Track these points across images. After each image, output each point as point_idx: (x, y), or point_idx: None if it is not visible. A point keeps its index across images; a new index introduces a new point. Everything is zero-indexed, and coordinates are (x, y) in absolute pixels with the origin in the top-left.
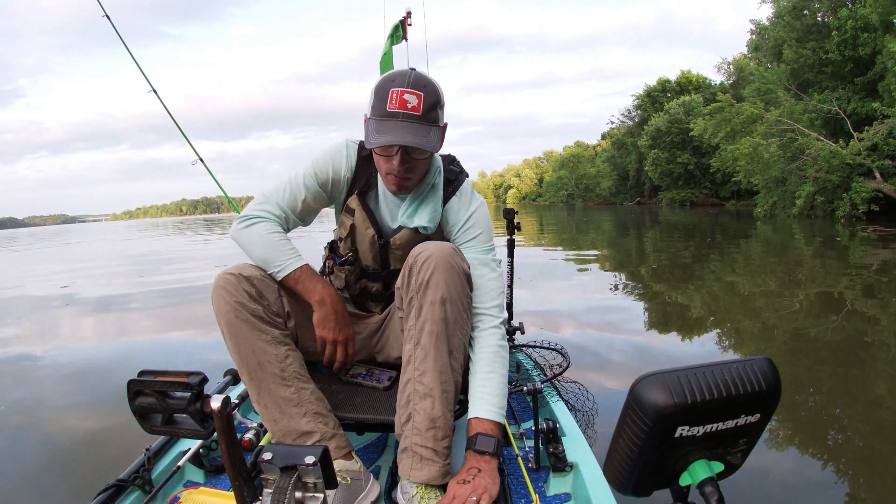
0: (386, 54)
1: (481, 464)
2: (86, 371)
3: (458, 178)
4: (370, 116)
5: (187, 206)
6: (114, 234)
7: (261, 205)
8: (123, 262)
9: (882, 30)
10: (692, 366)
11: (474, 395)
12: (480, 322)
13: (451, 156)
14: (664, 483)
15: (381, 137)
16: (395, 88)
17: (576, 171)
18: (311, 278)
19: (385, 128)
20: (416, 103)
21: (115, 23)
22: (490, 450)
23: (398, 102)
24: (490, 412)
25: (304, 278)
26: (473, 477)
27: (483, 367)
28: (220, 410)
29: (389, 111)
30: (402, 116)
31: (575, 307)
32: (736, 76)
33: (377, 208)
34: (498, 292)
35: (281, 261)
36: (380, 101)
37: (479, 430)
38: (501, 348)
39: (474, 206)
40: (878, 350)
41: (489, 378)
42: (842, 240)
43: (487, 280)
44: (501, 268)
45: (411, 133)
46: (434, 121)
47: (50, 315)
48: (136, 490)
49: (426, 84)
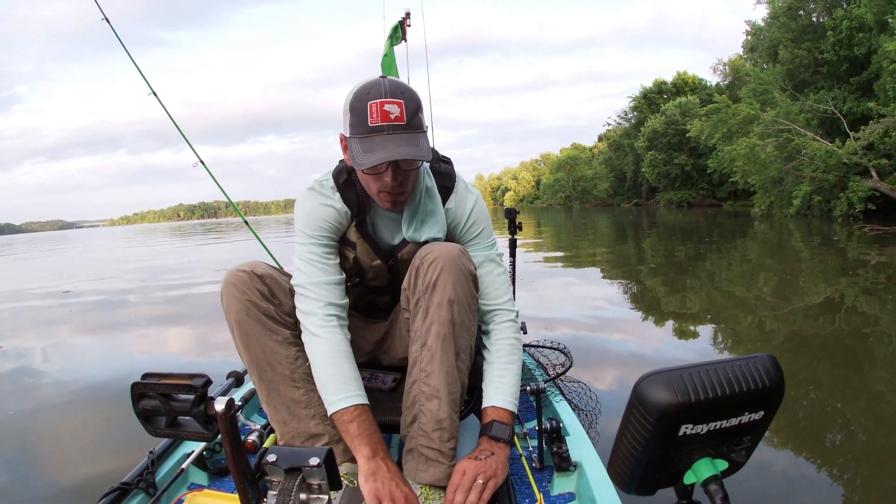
0: (387, 55)
1: (495, 448)
2: (89, 374)
3: (450, 174)
4: (350, 136)
5: (185, 212)
6: (111, 240)
7: (316, 303)
8: (126, 267)
9: (877, 29)
10: (695, 364)
11: (490, 384)
12: (496, 317)
13: (432, 148)
14: (668, 481)
15: (371, 156)
16: (373, 101)
17: (573, 173)
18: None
19: (372, 145)
20: (398, 112)
21: (109, 29)
22: (505, 437)
23: (380, 115)
24: (506, 402)
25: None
26: (486, 458)
27: (500, 358)
28: (224, 412)
29: (373, 126)
30: (387, 129)
31: (576, 307)
32: (732, 77)
33: (376, 232)
34: (507, 287)
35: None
36: (359, 118)
37: (495, 418)
38: (517, 341)
39: (472, 201)
40: (877, 346)
41: (507, 369)
42: (839, 239)
43: (496, 276)
44: (504, 262)
45: (402, 145)
46: (420, 126)
47: (52, 320)
48: (140, 493)
49: (403, 90)
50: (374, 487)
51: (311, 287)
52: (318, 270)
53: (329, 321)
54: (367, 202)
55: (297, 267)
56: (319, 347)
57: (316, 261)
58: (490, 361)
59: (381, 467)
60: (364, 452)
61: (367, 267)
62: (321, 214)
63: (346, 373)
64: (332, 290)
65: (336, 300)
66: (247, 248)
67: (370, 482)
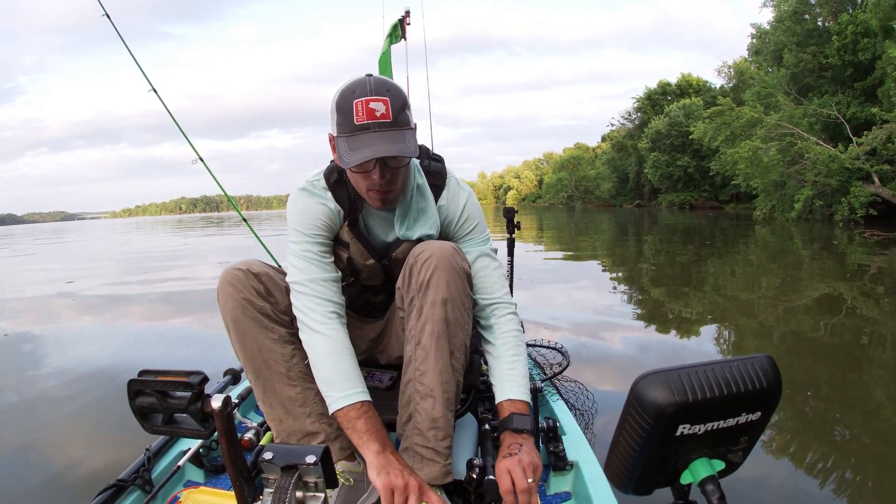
0: (385, 53)
1: (520, 441)
2: (85, 370)
3: (440, 172)
4: (337, 135)
5: (187, 205)
6: (113, 231)
7: (315, 300)
8: (126, 260)
9: (882, 35)
10: (693, 364)
11: (502, 378)
12: (496, 310)
13: (421, 146)
14: (665, 481)
15: (356, 154)
16: (359, 99)
17: (576, 172)
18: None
19: (358, 143)
20: (384, 110)
21: (117, 23)
22: (528, 427)
23: (365, 113)
24: (521, 393)
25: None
26: (517, 452)
27: (507, 351)
28: (221, 410)
29: (359, 124)
30: (373, 127)
31: (575, 306)
32: (736, 80)
33: (369, 230)
34: (504, 280)
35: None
36: (345, 117)
37: (513, 411)
38: (520, 332)
39: (464, 198)
40: (875, 350)
41: (516, 361)
42: (840, 243)
43: (492, 270)
44: (503, 261)
45: (388, 142)
46: (406, 123)
47: (48, 313)
48: (137, 490)
49: (389, 87)
50: (388, 480)
51: (309, 284)
52: (316, 267)
53: (330, 318)
54: (359, 201)
55: (292, 265)
56: (321, 344)
57: (312, 258)
58: (497, 355)
59: (391, 461)
60: (373, 447)
61: (361, 267)
62: (315, 213)
63: (350, 370)
64: (330, 287)
65: (334, 298)
66: (245, 243)
67: (382, 476)
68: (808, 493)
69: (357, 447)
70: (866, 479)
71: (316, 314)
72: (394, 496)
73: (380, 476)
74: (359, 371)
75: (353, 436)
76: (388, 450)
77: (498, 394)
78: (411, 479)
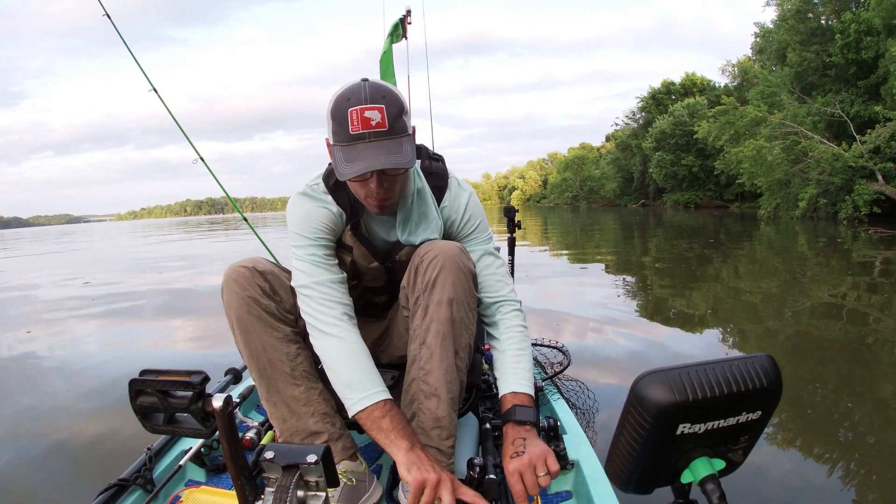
0: (386, 53)
1: (523, 433)
2: (86, 370)
3: (442, 173)
4: (334, 143)
5: (191, 207)
6: (126, 237)
7: (325, 302)
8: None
9: (885, 33)
10: (693, 363)
11: (507, 371)
12: (501, 308)
13: (421, 146)
14: (666, 480)
15: (353, 166)
16: (353, 108)
17: (580, 172)
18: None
19: (354, 153)
20: (379, 119)
21: (120, 26)
22: (531, 419)
23: (360, 122)
24: (525, 386)
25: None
26: (523, 450)
27: (513, 345)
28: (222, 409)
29: (354, 134)
30: (368, 137)
31: (576, 306)
32: (740, 79)
33: (371, 233)
34: (508, 278)
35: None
36: (340, 126)
37: (516, 403)
38: (525, 328)
39: (466, 198)
40: (881, 349)
41: (521, 355)
42: (844, 241)
43: (496, 268)
44: (501, 255)
45: (384, 152)
46: (402, 131)
47: (50, 315)
48: (138, 489)
49: (384, 94)
50: (420, 476)
51: (317, 287)
52: (322, 270)
53: (341, 320)
54: (359, 204)
55: (297, 269)
56: (336, 347)
57: (318, 262)
58: (502, 350)
59: (421, 457)
60: (402, 445)
61: (364, 269)
62: (317, 217)
63: (370, 369)
64: (338, 288)
65: (343, 299)
66: (252, 247)
67: (413, 472)
68: (809, 493)
69: (384, 446)
70: (869, 475)
71: (326, 317)
72: (425, 491)
73: (411, 472)
74: (376, 370)
75: (379, 435)
76: (418, 446)
77: (502, 387)
78: (443, 474)
